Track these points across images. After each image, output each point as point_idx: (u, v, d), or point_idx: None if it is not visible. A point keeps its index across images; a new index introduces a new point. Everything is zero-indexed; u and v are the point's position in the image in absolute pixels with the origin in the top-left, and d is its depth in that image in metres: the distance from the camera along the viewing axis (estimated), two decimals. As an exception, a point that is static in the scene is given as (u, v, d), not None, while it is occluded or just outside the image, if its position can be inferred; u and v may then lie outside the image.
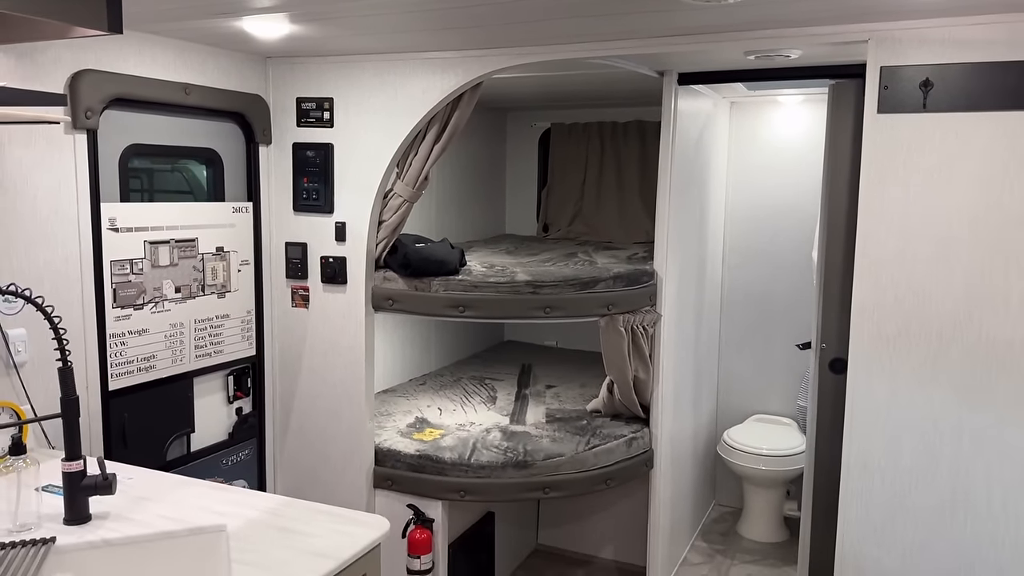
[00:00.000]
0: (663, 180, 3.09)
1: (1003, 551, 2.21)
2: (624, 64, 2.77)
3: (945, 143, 2.20)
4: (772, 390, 4.26)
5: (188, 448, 2.76)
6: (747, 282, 4.24)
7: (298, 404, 3.08)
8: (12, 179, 2.14)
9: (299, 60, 2.93)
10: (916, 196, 2.25)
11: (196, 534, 1.77)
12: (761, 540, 3.99)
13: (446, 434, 3.08)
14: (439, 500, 2.91)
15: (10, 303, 2.14)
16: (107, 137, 2.41)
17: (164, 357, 2.63)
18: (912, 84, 2.21)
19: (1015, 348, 2.16)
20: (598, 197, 4.31)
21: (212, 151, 2.81)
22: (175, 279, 2.65)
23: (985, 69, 2.13)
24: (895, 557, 2.35)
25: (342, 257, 2.94)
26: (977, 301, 2.19)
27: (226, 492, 1.99)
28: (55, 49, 2.22)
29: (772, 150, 4.14)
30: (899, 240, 2.28)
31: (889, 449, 2.34)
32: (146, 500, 1.92)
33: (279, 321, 3.07)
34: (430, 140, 2.85)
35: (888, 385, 2.33)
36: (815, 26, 2.30)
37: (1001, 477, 2.21)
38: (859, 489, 2.39)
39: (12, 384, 2.17)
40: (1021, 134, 2.11)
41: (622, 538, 3.74)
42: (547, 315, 2.90)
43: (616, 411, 3.28)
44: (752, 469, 3.85)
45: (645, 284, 3.07)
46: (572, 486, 2.94)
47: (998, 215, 2.16)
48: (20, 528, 1.74)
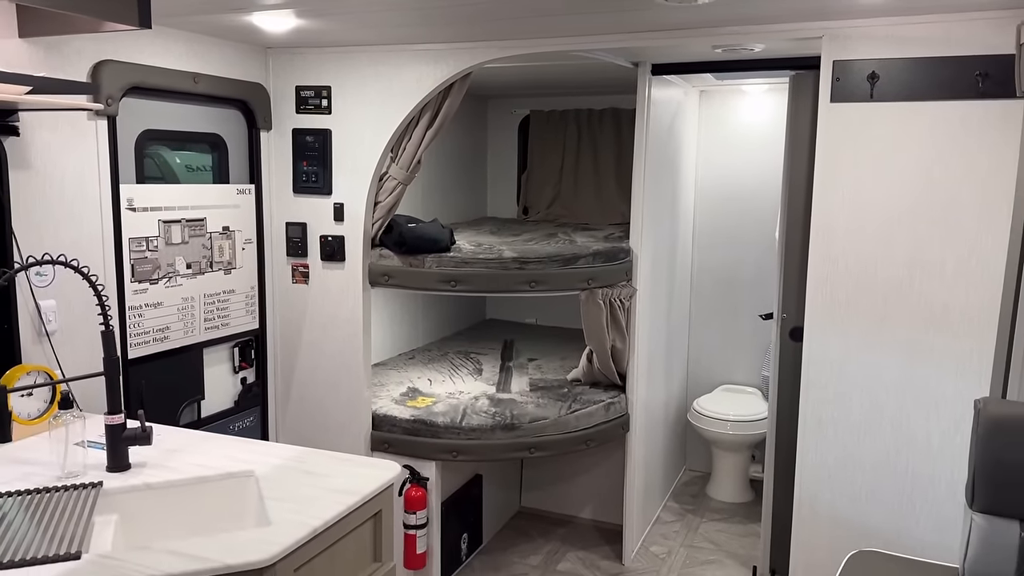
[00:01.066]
0: (638, 164, 3.33)
1: (940, 488, 2.50)
2: (602, 56, 2.99)
3: (889, 129, 2.47)
4: (738, 362, 4.55)
5: (199, 414, 2.96)
6: (715, 260, 4.52)
7: (298, 374, 3.29)
8: (42, 162, 2.32)
9: (298, 51, 3.12)
10: (864, 176, 2.52)
11: (227, 478, 1.98)
12: (728, 500, 4.29)
13: (437, 401, 3.30)
14: (433, 461, 3.14)
15: (41, 276, 2.33)
16: (124, 123, 2.59)
17: (177, 329, 2.82)
18: (860, 76, 2.47)
19: (949, 310, 2.44)
20: (575, 181, 4.54)
21: (217, 136, 2.99)
22: (186, 256, 2.84)
23: (924, 63, 2.39)
24: (847, 499, 2.63)
25: (340, 236, 3.14)
26: (917, 269, 2.47)
27: (250, 444, 2.20)
28: (79, 41, 2.39)
29: (738, 136, 4.40)
30: (849, 216, 2.55)
31: (840, 403, 2.62)
32: (177, 452, 2.12)
33: (280, 296, 3.27)
34: (423, 126, 3.06)
35: (839, 346, 2.60)
36: (775, 24, 2.55)
37: (938, 425, 2.49)
38: (814, 441, 2.67)
39: (44, 351, 2.35)
40: (954, 121, 2.38)
41: (600, 499, 4.00)
42: (532, 289, 3.13)
43: (595, 379, 3.53)
44: (720, 434, 4.13)
45: (622, 260, 3.32)
46: (555, 446, 3.18)
47: (934, 193, 2.43)
48: (69, 475, 1.94)
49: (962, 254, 2.40)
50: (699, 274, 4.55)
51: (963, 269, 2.41)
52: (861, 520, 2.61)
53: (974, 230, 2.39)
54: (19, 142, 2.24)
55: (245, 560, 1.54)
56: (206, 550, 1.57)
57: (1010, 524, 1.88)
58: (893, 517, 2.57)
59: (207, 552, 1.56)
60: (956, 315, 2.43)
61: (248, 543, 1.61)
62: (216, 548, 1.58)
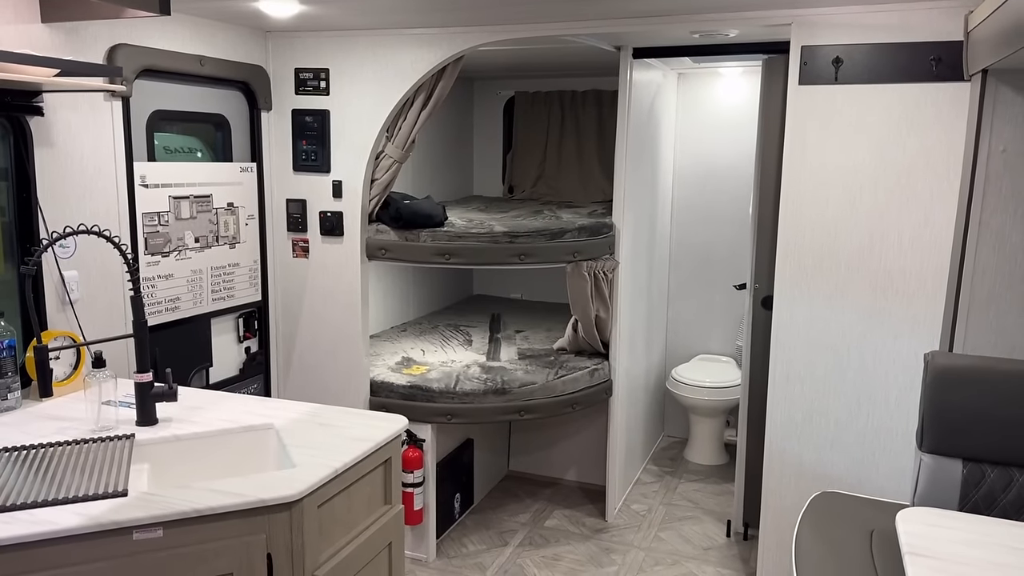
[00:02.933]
0: (620, 143, 3.52)
1: (897, 439, 2.74)
2: (587, 40, 3.17)
3: (852, 109, 2.68)
4: (714, 332, 4.78)
5: (207, 381, 3.13)
6: (692, 236, 4.73)
7: (300, 343, 3.46)
8: (64, 140, 2.46)
9: (297, 35, 3.27)
10: (828, 152, 2.73)
11: (249, 431, 2.17)
12: (705, 463, 4.53)
13: (431, 369, 3.49)
14: (428, 423, 3.33)
15: (64, 248, 2.48)
16: (137, 103, 2.73)
17: (187, 299, 2.98)
18: (826, 60, 2.67)
19: (906, 275, 2.66)
20: (559, 160, 4.73)
21: (221, 116, 3.14)
22: (194, 230, 3.00)
23: (884, 49, 2.60)
24: (812, 450, 2.87)
25: (339, 212, 3.31)
26: (877, 238, 2.69)
27: (266, 401, 2.37)
28: (96, 27, 2.53)
29: (714, 117, 4.61)
30: (815, 188, 2.76)
31: (806, 361, 2.84)
32: (199, 409, 2.30)
33: (281, 270, 3.44)
34: (417, 107, 3.23)
35: (806, 309, 2.82)
36: (748, 11, 2.74)
37: (896, 380, 2.73)
38: (782, 396, 2.89)
39: (67, 318, 2.51)
40: (911, 102, 2.60)
41: (583, 462, 4.23)
42: (521, 262, 3.32)
43: (580, 348, 3.73)
44: (696, 400, 4.37)
45: (605, 235, 3.52)
46: (543, 409, 3.39)
47: (893, 167, 2.65)
48: (103, 429, 2.11)
49: (917, 223, 2.63)
50: (677, 249, 4.77)
51: (917, 237, 2.63)
52: (825, 469, 2.85)
53: (927, 201, 2.61)
54: (43, 122, 2.38)
55: (278, 495, 1.73)
56: (241, 487, 1.75)
57: (954, 463, 2.11)
58: (855, 466, 2.81)
59: (242, 489, 1.74)
60: (911, 280, 2.66)
61: (278, 481, 1.79)
62: (250, 486, 1.76)
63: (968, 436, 2.07)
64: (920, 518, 1.71)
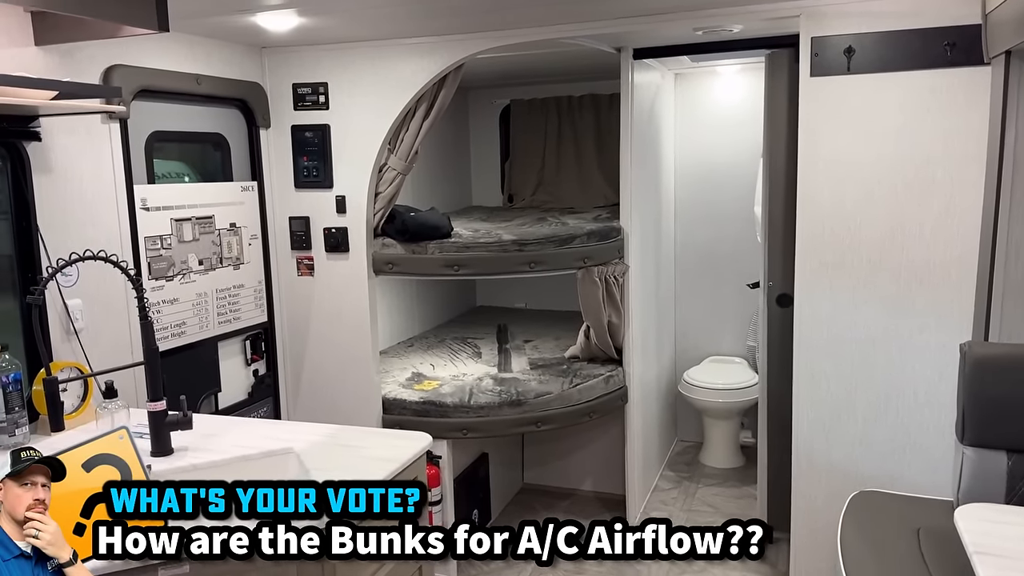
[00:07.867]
0: (624, 146, 3.46)
1: (928, 434, 2.68)
2: (587, 42, 3.12)
3: (866, 99, 2.63)
4: (723, 333, 4.72)
5: (216, 406, 3.04)
6: (696, 236, 4.68)
7: (308, 362, 3.38)
8: (62, 165, 2.39)
9: (293, 49, 3.21)
10: (844, 145, 2.68)
11: (269, 456, 2.09)
12: (721, 466, 4.46)
13: (443, 384, 3.42)
14: (444, 439, 3.25)
15: (67, 276, 2.40)
16: (135, 125, 2.66)
17: (192, 324, 2.90)
18: (837, 51, 2.63)
19: (931, 266, 2.61)
20: (558, 166, 4.67)
21: (220, 135, 3.07)
22: (198, 253, 2.92)
23: (896, 36, 2.56)
24: (842, 448, 2.81)
25: (343, 227, 3.24)
26: (898, 229, 2.64)
27: (281, 424, 2.31)
28: (91, 48, 2.45)
29: (713, 116, 4.57)
30: (831, 182, 2.71)
31: (831, 359, 2.78)
32: (214, 436, 2.22)
33: (286, 289, 3.36)
34: (419, 117, 3.17)
35: (829, 305, 2.77)
36: (754, 4, 2.70)
37: (924, 374, 2.67)
38: (809, 395, 2.83)
39: (72, 348, 2.42)
40: (924, 89, 2.55)
41: (599, 472, 4.15)
42: (532, 269, 3.26)
43: (592, 355, 3.67)
44: (710, 403, 4.31)
45: (614, 239, 3.46)
46: (560, 419, 3.32)
47: (911, 156, 2.60)
48: (116, 461, 2.02)
49: (939, 212, 2.58)
50: (682, 250, 4.72)
51: (940, 226, 2.58)
52: (856, 467, 2.79)
53: (948, 189, 2.56)
54: (41, 147, 2.31)
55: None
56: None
57: (998, 454, 2.06)
58: (885, 463, 2.75)
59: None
60: (935, 270, 2.61)
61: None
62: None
63: (1011, 426, 2.02)
64: (979, 515, 1.66)
